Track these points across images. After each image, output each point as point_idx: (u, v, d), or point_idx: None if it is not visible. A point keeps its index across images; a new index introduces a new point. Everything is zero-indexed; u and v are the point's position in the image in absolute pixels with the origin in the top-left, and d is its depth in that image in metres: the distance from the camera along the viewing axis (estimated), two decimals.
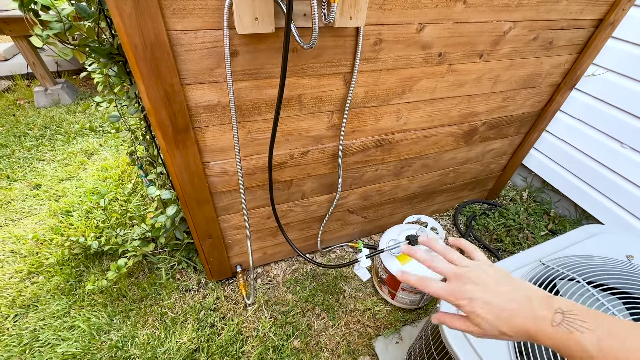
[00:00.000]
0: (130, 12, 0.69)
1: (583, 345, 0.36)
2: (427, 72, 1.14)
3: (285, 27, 0.70)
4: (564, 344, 0.38)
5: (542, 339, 0.40)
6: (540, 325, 0.39)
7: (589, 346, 0.36)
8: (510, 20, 1.11)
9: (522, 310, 0.41)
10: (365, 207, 1.59)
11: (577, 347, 0.37)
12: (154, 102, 0.84)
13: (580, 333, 0.37)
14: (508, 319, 0.41)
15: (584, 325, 0.37)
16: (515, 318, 0.41)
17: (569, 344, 0.38)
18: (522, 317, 0.41)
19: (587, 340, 0.36)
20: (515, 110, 1.50)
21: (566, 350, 0.38)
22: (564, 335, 0.38)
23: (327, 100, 1.07)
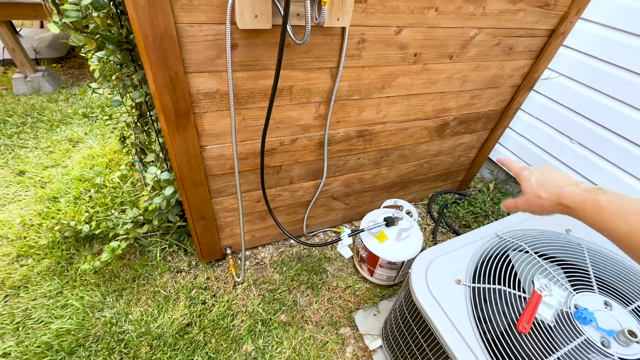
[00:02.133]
0: (144, 5, 0.78)
1: (598, 200, 0.45)
2: (404, 70, 1.28)
3: (282, 24, 0.81)
4: (584, 202, 0.45)
5: (566, 199, 0.48)
6: (573, 191, 0.48)
7: (602, 200, 0.45)
8: (475, 27, 1.27)
9: (565, 186, 0.50)
10: (348, 194, 1.72)
11: (592, 202, 0.45)
12: (160, 87, 0.93)
13: (603, 194, 0.45)
14: (547, 185, 0.52)
15: (608, 193, 0.45)
16: (554, 186, 0.51)
17: (586, 201, 0.45)
18: (561, 187, 0.50)
19: (602, 197, 0.45)
20: (481, 108, 1.68)
21: (580, 207, 0.46)
22: (586, 195, 0.45)
23: (315, 92, 1.18)
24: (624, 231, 0.41)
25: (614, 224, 0.42)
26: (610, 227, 0.43)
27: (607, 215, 0.43)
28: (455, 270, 0.99)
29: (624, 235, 0.42)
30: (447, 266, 1.00)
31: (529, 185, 0.56)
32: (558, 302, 0.86)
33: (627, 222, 0.41)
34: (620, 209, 0.42)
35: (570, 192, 0.48)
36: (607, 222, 0.43)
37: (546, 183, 0.53)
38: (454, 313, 0.89)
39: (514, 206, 0.60)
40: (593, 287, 0.92)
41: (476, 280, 0.96)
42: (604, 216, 0.43)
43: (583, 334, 0.79)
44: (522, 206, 0.58)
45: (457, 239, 1.10)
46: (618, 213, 0.42)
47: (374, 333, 1.41)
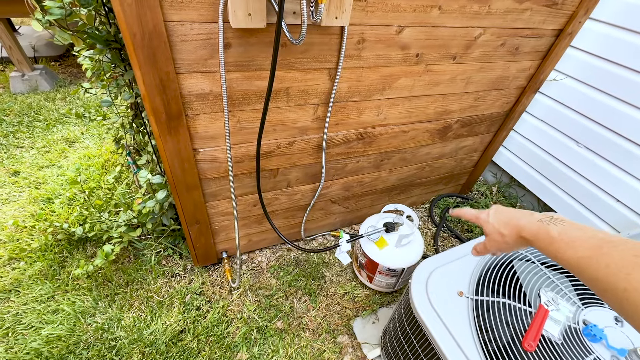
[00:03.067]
0: (131, 2, 0.74)
1: (549, 232, 0.46)
2: (406, 71, 1.23)
3: (277, 23, 0.77)
4: (537, 234, 0.48)
5: (525, 232, 0.50)
6: (528, 223, 0.50)
7: (554, 231, 0.46)
8: (480, 26, 1.22)
9: (521, 217, 0.53)
10: (347, 197, 1.68)
11: (545, 234, 0.47)
12: (149, 88, 0.89)
13: (554, 225, 0.47)
14: (507, 222, 0.54)
15: (559, 222, 0.47)
16: (512, 221, 0.54)
17: (540, 233, 0.48)
18: (518, 221, 0.53)
19: (554, 229, 0.46)
20: (485, 110, 1.63)
21: (535, 239, 0.48)
22: (539, 226, 0.48)
23: (313, 94, 1.14)
24: (573, 260, 0.43)
25: (565, 254, 0.44)
26: (561, 257, 0.45)
27: (559, 246, 0.45)
28: (457, 281, 0.94)
29: (573, 263, 0.43)
30: (448, 277, 0.96)
31: (490, 226, 0.57)
32: (566, 317, 0.82)
33: (575, 250, 0.43)
34: (569, 238, 0.44)
35: (527, 224, 0.51)
36: (559, 252, 0.45)
37: (504, 220, 0.55)
38: (455, 327, 0.84)
39: (484, 249, 0.61)
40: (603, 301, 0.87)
41: (479, 293, 0.92)
42: (556, 246, 0.45)
43: (592, 353, 0.75)
44: (490, 247, 0.59)
45: (458, 247, 1.06)
46: (567, 243, 0.44)
47: (372, 342, 1.37)
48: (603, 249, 0.40)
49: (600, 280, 0.38)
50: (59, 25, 0.78)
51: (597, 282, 0.39)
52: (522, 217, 0.53)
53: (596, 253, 0.40)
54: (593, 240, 0.42)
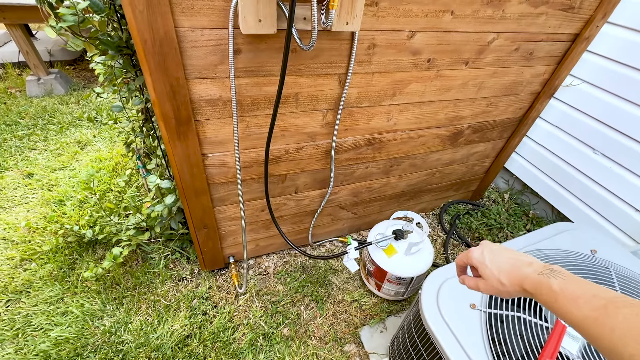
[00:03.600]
0: (143, 9, 0.74)
1: (551, 285, 0.45)
2: (417, 76, 1.21)
3: (287, 29, 0.76)
4: (540, 288, 0.47)
5: (527, 285, 0.49)
6: (529, 275, 0.49)
7: (555, 286, 0.45)
8: (493, 31, 1.20)
9: (522, 267, 0.51)
10: (355, 203, 1.66)
11: (547, 287, 0.46)
12: (160, 94, 0.89)
13: (555, 279, 0.46)
14: (508, 272, 0.52)
15: (559, 276, 0.46)
16: (513, 272, 0.51)
17: (542, 286, 0.46)
18: (518, 271, 0.51)
19: (555, 283, 0.45)
20: (498, 116, 1.59)
21: (538, 292, 0.47)
22: (540, 280, 0.47)
23: (323, 99, 1.13)
24: (577, 318, 0.42)
25: (569, 311, 0.43)
26: (564, 314, 0.44)
27: (562, 303, 0.44)
28: (470, 293, 0.91)
29: (577, 321, 0.42)
30: (460, 288, 0.93)
31: (489, 272, 0.55)
32: None
33: (578, 308, 0.42)
34: (571, 295, 0.43)
35: (528, 275, 0.49)
36: (562, 309, 0.44)
37: (505, 269, 0.53)
38: (467, 341, 0.82)
39: (475, 287, 0.58)
40: None
41: (492, 305, 0.89)
42: (560, 304, 0.44)
43: None
44: (486, 291, 0.57)
45: None
46: (570, 300, 0.43)
47: (380, 352, 1.34)
48: (608, 310, 0.39)
49: (606, 342, 0.38)
50: (72, 32, 0.79)
51: (602, 343, 0.39)
52: (522, 266, 0.51)
53: (601, 314, 0.40)
54: (596, 299, 0.41)
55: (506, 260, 0.54)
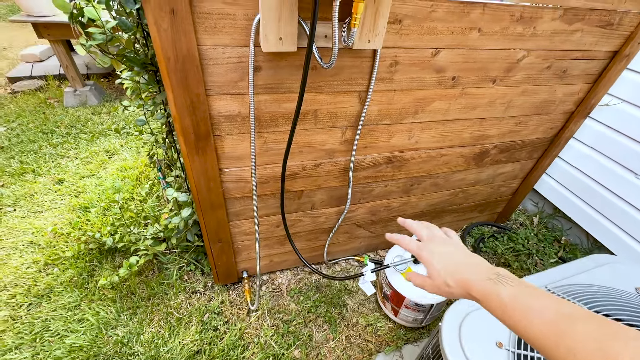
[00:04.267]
0: (167, 27, 0.76)
1: (499, 295, 0.42)
2: (441, 94, 1.17)
3: (307, 48, 0.75)
4: (488, 296, 0.44)
5: (474, 291, 0.46)
6: (477, 280, 0.46)
7: (505, 296, 0.42)
8: (524, 48, 1.14)
9: (468, 269, 0.48)
10: (373, 221, 1.61)
11: (495, 297, 0.42)
12: (180, 109, 0.90)
13: (503, 286, 0.43)
14: (454, 273, 0.49)
15: (508, 282, 0.43)
16: (460, 274, 0.48)
17: (491, 295, 0.43)
18: (466, 273, 0.48)
19: (504, 292, 0.42)
20: (527, 135, 1.51)
21: (487, 301, 0.44)
22: (490, 287, 0.44)
23: (342, 116, 1.11)
24: (529, 333, 0.39)
25: (519, 324, 0.40)
26: (514, 326, 0.41)
27: (512, 314, 0.41)
28: (496, 329, 0.84)
29: (528, 336, 0.39)
30: (485, 323, 0.86)
31: (436, 272, 0.51)
32: None
33: (530, 322, 0.39)
34: (522, 306, 0.40)
35: (475, 282, 0.46)
36: (511, 320, 0.41)
37: (451, 271, 0.50)
38: None
39: (422, 285, 0.54)
40: None
41: (522, 345, 0.80)
42: (509, 314, 0.41)
43: None
44: (430, 289, 0.52)
45: None
46: (520, 312, 0.40)
47: None
48: (560, 326, 0.37)
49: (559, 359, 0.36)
50: (101, 50, 0.82)
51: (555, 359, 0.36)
52: (467, 270, 0.48)
53: (554, 330, 0.37)
54: (548, 312, 0.38)
55: (453, 262, 0.51)
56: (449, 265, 0.50)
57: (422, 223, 0.61)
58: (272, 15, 0.76)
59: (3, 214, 1.88)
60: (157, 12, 0.73)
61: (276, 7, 0.75)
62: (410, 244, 0.57)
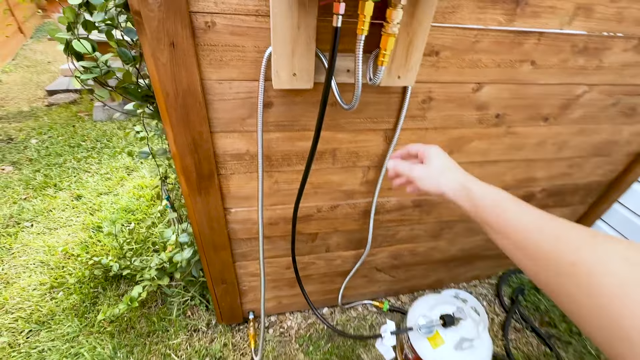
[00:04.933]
0: (166, 61, 0.66)
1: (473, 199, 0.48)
2: (481, 133, 1.01)
3: (323, 90, 0.63)
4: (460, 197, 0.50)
5: (449, 197, 0.52)
6: (451, 190, 0.52)
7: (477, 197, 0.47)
8: (585, 83, 0.96)
9: (443, 180, 0.54)
10: (395, 266, 1.43)
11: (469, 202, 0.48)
12: (181, 147, 0.80)
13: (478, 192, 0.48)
14: (437, 181, 0.54)
15: (478, 188, 0.49)
16: (436, 186, 0.54)
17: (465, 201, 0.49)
18: (440, 187, 0.54)
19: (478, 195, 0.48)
20: (581, 178, 1.30)
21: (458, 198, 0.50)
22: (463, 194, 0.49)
23: (364, 156, 0.97)
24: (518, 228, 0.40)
25: (499, 218, 0.43)
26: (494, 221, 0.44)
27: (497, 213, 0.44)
28: None
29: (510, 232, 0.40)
30: None
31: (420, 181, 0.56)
32: None
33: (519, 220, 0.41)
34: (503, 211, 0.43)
35: (449, 191, 0.52)
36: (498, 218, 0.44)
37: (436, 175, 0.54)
38: None
39: (407, 170, 0.58)
40: None
41: None
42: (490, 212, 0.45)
43: None
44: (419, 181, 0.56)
45: None
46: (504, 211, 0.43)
47: None
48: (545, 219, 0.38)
49: (544, 251, 0.34)
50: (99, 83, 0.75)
51: (539, 253, 0.35)
52: (444, 187, 0.53)
53: (541, 224, 0.37)
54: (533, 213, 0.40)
55: (440, 168, 0.56)
56: (444, 169, 0.55)
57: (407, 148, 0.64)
58: (285, 50, 0.65)
59: (21, 229, 1.88)
60: (155, 44, 0.64)
61: (290, 40, 0.64)
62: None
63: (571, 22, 0.81)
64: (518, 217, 0.39)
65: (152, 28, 0.62)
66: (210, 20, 0.65)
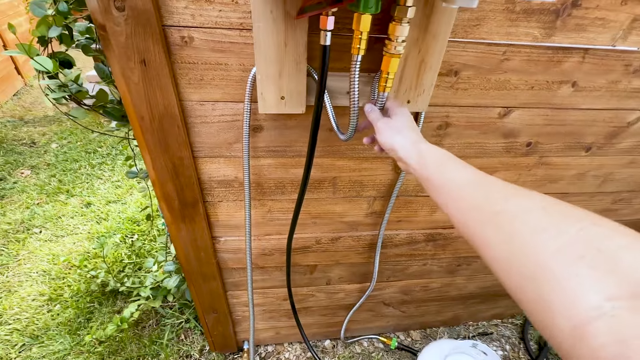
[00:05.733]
0: (138, 81, 0.58)
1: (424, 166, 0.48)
2: (508, 163, 0.87)
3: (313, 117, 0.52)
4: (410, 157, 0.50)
5: (398, 153, 0.52)
6: (404, 153, 0.51)
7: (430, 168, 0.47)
8: (639, 108, 0.80)
9: (398, 141, 0.52)
10: (405, 301, 1.29)
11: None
12: (160, 173, 0.72)
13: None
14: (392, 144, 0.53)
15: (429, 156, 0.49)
16: (390, 145, 0.53)
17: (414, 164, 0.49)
18: (394, 147, 0.52)
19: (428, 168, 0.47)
20: (629, 215, 1.11)
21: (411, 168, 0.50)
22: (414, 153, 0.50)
23: (369, 185, 0.86)
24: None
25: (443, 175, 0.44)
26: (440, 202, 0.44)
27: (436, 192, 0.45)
28: None
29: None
30: None
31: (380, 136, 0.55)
32: None
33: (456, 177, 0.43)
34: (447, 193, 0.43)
35: (403, 155, 0.51)
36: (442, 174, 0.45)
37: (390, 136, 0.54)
38: None
39: (374, 119, 0.56)
40: None
41: None
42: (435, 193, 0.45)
43: None
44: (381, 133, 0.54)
45: None
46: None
47: None
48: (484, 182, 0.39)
49: (474, 203, 0.36)
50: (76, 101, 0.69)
51: (470, 205, 0.36)
52: (398, 143, 0.52)
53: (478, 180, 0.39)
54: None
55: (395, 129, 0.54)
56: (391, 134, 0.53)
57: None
58: (270, 70, 0.55)
59: (30, 235, 1.89)
60: (124, 62, 0.56)
61: (276, 59, 0.54)
62: None
63: (626, 36, 0.66)
64: (457, 174, 0.42)
65: (120, 44, 0.54)
66: (188, 35, 0.57)
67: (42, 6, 0.54)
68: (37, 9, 0.53)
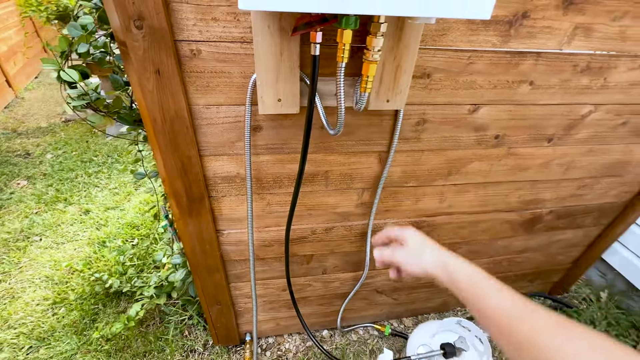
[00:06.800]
0: (152, 89, 0.67)
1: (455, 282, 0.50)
2: (480, 154, 0.97)
3: (306, 116, 0.62)
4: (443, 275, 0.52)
5: (431, 275, 0.54)
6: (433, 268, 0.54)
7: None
8: (590, 103, 0.92)
9: (426, 262, 0.56)
10: (397, 288, 1.38)
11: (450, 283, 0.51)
12: (170, 171, 0.80)
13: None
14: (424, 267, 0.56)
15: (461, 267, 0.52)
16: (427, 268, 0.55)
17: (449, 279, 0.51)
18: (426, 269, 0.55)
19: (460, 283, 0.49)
20: (593, 200, 1.23)
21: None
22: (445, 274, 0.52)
23: (358, 178, 0.95)
24: None
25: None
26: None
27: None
28: None
29: None
30: None
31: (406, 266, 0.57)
32: None
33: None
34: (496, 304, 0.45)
35: (434, 270, 0.55)
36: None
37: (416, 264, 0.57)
38: None
39: (390, 257, 0.59)
40: None
41: None
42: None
43: None
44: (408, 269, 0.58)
45: None
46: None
47: None
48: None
49: (527, 341, 0.38)
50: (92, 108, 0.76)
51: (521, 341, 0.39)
52: (427, 268, 0.55)
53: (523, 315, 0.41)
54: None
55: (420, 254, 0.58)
56: (416, 263, 0.57)
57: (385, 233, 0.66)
58: (268, 76, 0.64)
59: (30, 243, 1.92)
60: (141, 72, 0.64)
61: (273, 67, 0.63)
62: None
63: (570, 41, 0.78)
64: (499, 303, 0.43)
65: (138, 57, 0.62)
66: (196, 48, 0.66)
67: (77, 27, 0.63)
68: (73, 30, 0.62)
